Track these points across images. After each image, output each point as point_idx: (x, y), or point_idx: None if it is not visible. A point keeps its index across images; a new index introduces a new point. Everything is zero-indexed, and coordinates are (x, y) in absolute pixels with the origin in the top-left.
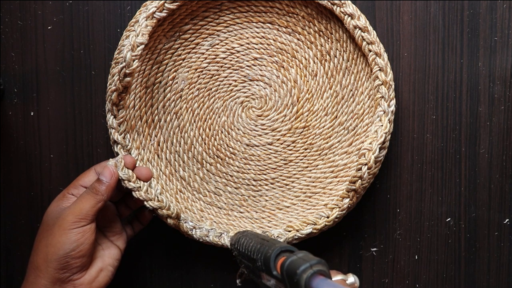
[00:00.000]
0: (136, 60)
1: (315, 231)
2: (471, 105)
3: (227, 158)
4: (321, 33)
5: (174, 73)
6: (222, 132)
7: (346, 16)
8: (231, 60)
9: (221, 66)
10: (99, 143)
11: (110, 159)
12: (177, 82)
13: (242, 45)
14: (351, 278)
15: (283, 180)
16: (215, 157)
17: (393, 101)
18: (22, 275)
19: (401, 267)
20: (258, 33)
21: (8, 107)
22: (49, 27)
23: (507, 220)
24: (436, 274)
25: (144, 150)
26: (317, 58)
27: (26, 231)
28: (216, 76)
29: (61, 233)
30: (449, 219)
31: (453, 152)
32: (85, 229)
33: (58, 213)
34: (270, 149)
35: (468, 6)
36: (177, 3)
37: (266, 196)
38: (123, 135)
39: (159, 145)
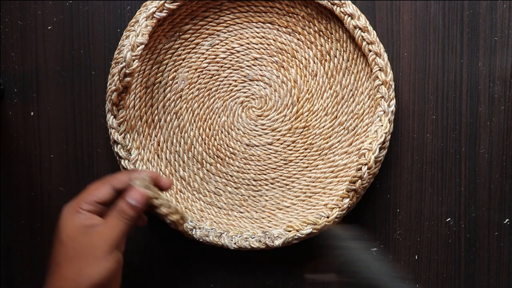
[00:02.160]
0: (136, 60)
1: (315, 231)
2: (471, 105)
3: (227, 158)
4: (321, 33)
5: (174, 73)
6: (222, 132)
7: (346, 16)
8: (231, 60)
9: (221, 66)
10: (99, 143)
11: (134, 178)
12: (177, 82)
13: (242, 45)
14: None
15: (283, 180)
16: (215, 157)
17: (393, 101)
18: (22, 275)
19: (401, 267)
20: (258, 33)
21: (8, 107)
22: (49, 27)
23: (507, 220)
24: (436, 274)
25: (144, 150)
26: (317, 58)
27: (26, 231)
28: (216, 76)
29: (95, 262)
30: (449, 219)
31: (453, 152)
32: (117, 257)
33: (83, 236)
34: (270, 149)
35: (468, 6)
36: (177, 3)
37: (266, 196)
38: (123, 135)
39: (159, 145)
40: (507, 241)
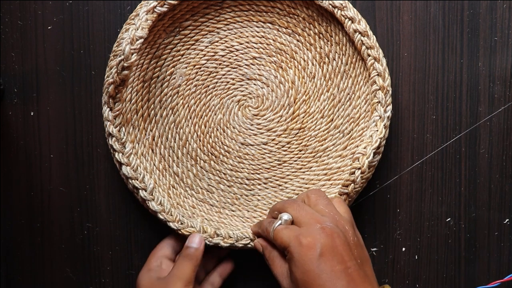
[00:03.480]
0: (135, 54)
1: None
2: (471, 105)
3: (221, 156)
4: (321, 35)
5: (172, 69)
6: (217, 129)
7: (347, 19)
8: (229, 58)
9: (220, 64)
10: (99, 143)
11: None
12: (174, 78)
13: (241, 44)
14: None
15: (276, 180)
16: (209, 154)
17: (390, 107)
18: (22, 275)
19: (401, 267)
20: (258, 32)
21: (8, 107)
22: (49, 27)
23: (507, 220)
24: (436, 274)
25: (138, 144)
26: (315, 60)
27: (26, 231)
28: (214, 74)
29: None
30: (449, 219)
31: (453, 152)
32: None
33: (159, 283)
34: (264, 149)
35: (468, 6)
36: None
37: (259, 195)
38: (118, 128)
39: (153, 139)
40: (507, 241)
